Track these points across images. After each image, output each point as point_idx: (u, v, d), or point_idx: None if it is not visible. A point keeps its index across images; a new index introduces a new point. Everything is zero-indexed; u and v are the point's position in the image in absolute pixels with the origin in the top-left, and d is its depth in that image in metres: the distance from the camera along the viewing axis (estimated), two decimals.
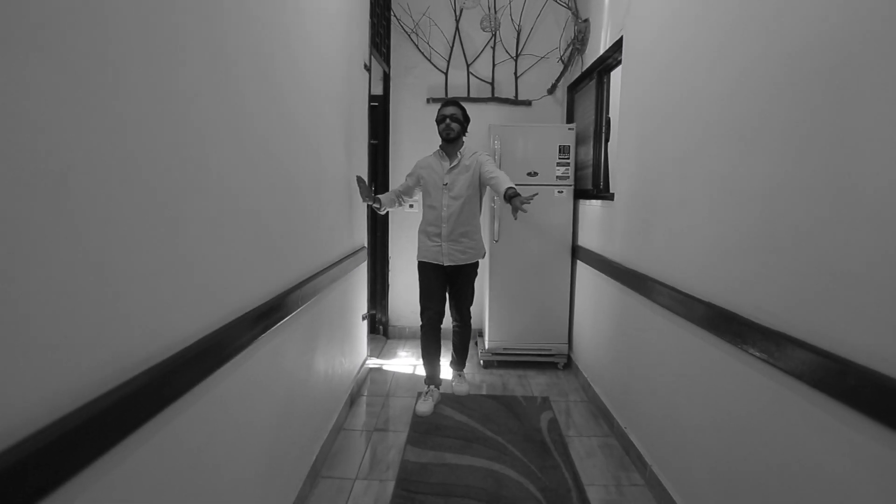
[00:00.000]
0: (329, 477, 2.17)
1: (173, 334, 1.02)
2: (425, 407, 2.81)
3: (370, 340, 3.68)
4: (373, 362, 3.55)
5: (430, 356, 2.97)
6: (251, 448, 1.45)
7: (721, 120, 1.65)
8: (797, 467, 1.25)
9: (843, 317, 1.12)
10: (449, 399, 2.95)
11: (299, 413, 1.91)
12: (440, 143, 2.90)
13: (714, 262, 1.67)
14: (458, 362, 3.21)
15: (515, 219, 2.39)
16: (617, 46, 2.78)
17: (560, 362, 3.54)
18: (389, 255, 4.09)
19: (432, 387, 2.96)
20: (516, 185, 3.49)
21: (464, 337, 3.13)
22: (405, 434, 2.55)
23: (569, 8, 3.59)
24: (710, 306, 1.66)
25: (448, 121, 2.77)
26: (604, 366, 2.85)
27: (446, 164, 2.85)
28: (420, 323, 2.97)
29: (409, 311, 4.12)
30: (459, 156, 2.83)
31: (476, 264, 2.95)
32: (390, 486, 2.10)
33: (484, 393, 3.09)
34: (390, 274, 4.11)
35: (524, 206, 2.28)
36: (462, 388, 3.07)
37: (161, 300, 0.98)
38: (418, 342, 4.06)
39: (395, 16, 3.84)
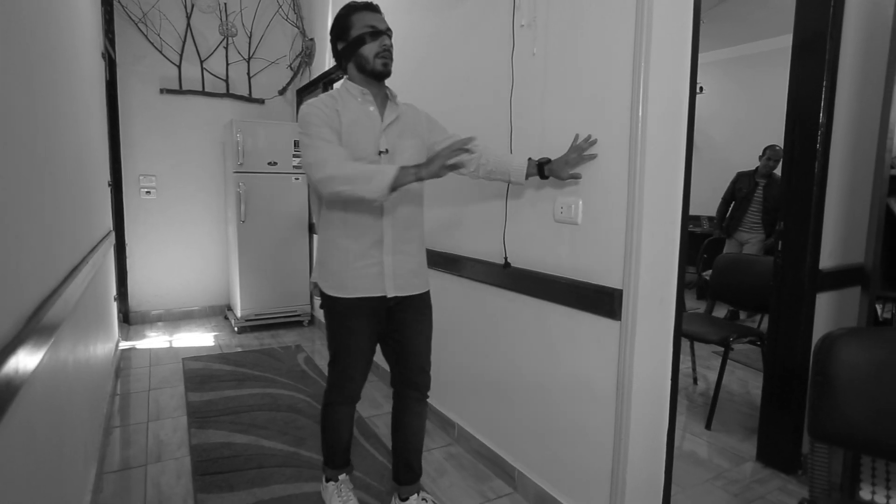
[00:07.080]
0: (120, 426, 2.46)
1: None
2: None
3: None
4: (123, 345, 3.63)
5: (341, 439, 1.79)
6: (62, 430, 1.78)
7: None
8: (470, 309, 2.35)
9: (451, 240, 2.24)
10: (216, 358, 3.39)
11: (83, 389, 2.18)
12: (346, 78, 1.64)
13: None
14: (414, 470, 1.79)
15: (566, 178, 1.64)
16: None
17: (305, 319, 4.28)
18: (126, 241, 4.10)
19: (343, 476, 1.84)
20: (257, 172, 3.99)
21: (420, 423, 1.78)
22: (182, 387, 2.93)
23: (296, 26, 4.29)
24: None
25: (387, 39, 1.56)
26: None
27: (378, 118, 1.60)
28: (326, 401, 1.76)
29: (150, 295, 4.23)
30: (395, 104, 1.65)
31: (428, 294, 1.76)
32: (183, 420, 2.53)
33: (243, 350, 3.61)
34: (128, 260, 4.13)
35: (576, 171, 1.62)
36: None
37: None
38: (166, 324, 4.23)
39: (119, 2, 3.87)
